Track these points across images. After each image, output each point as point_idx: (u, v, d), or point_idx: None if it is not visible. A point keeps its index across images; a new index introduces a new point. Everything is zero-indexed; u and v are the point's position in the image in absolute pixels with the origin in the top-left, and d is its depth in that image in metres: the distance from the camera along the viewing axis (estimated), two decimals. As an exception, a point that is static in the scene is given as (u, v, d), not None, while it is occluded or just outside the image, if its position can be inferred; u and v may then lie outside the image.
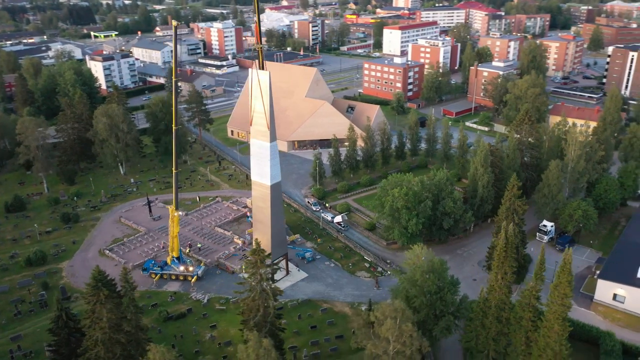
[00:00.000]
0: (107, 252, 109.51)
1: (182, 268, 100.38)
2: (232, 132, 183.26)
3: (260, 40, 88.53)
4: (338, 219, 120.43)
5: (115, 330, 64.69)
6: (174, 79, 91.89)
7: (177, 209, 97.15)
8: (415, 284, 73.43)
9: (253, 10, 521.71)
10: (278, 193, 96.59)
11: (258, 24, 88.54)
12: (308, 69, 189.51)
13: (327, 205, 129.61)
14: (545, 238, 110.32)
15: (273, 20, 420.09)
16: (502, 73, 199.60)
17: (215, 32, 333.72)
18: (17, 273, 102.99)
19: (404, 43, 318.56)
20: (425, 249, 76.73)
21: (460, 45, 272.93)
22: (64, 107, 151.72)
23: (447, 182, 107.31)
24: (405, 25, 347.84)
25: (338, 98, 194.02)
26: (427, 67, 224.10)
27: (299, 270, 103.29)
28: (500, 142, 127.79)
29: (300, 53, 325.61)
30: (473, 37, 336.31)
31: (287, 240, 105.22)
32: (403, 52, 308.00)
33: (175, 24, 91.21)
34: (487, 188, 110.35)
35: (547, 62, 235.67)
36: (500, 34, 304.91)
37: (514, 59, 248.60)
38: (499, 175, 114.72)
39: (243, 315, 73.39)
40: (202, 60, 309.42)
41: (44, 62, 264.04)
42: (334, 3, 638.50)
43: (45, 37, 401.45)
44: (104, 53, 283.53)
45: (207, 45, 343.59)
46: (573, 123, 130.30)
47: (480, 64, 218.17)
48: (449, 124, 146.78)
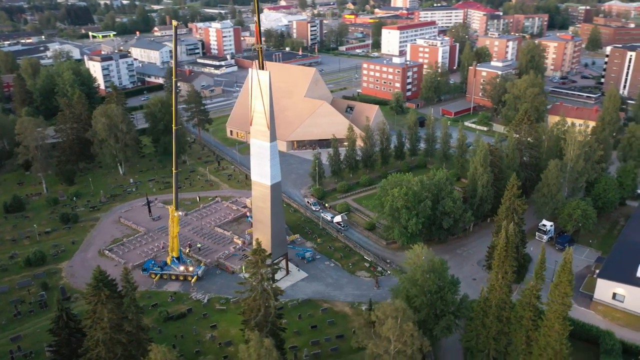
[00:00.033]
0: (106, 252, 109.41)
1: (182, 268, 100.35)
2: (231, 132, 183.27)
3: (260, 40, 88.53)
4: (338, 219, 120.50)
5: (117, 331, 64.66)
6: (174, 79, 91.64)
7: (177, 209, 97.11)
8: (416, 284, 73.50)
9: (251, 10, 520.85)
10: (278, 193, 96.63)
11: (258, 24, 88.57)
12: (307, 69, 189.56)
13: (326, 205, 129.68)
14: (545, 237, 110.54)
15: (271, 20, 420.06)
16: (500, 73, 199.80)
17: (214, 32, 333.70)
18: (16, 273, 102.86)
19: (403, 43, 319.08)
20: (426, 249, 76.86)
21: (459, 45, 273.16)
22: (63, 107, 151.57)
23: (446, 181, 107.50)
24: (404, 25, 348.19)
25: (337, 98, 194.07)
26: (425, 67, 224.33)
27: (299, 270, 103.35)
28: (499, 141, 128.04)
29: (299, 53, 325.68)
30: (471, 37, 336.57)
31: (287, 240, 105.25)
32: (401, 52, 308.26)
33: (176, 24, 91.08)
34: (486, 188, 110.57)
35: (545, 62, 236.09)
36: (499, 34, 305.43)
37: (513, 59, 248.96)
38: (499, 175, 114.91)
39: (244, 315, 73.39)
40: (200, 60, 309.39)
41: (42, 62, 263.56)
42: (332, 3, 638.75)
43: (43, 37, 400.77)
44: (103, 53, 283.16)
45: (205, 45, 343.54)
46: (572, 123, 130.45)
47: (479, 64, 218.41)
48: (448, 124, 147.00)
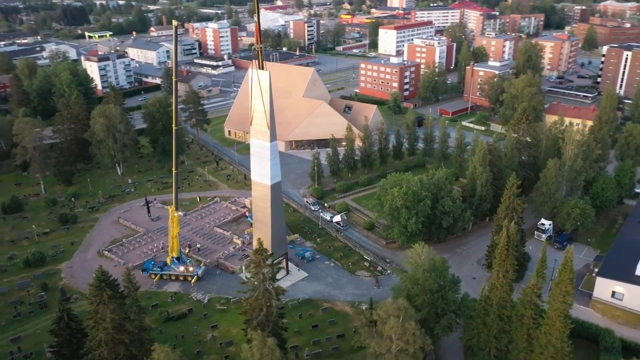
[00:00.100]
0: (106, 252, 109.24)
1: (182, 268, 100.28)
2: (229, 132, 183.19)
3: (260, 40, 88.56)
4: (337, 219, 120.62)
5: (119, 331, 64.66)
6: (174, 79, 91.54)
7: (177, 210, 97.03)
8: (417, 283, 73.69)
9: (248, 10, 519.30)
10: (278, 193, 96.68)
11: (258, 24, 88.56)
12: (305, 69, 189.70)
13: (325, 205, 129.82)
14: (543, 236, 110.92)
15: (268, 20, 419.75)
16: (498, 72, 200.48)
17: (211, 32, 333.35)
18: (15, 274, 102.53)
19: (400, 43, 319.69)
20: (427, 248, 77.17)
21: (456, 45, 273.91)
22: (61, 107, 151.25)
23: (446, 181, 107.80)
24: (401, 25, 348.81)
25: (335, 98, 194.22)
26: (423, 66, 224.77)
27: (299, 270, 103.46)
28: (497, 141, 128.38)
29: (296, 53, 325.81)
30: (468, 37, 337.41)
31: (287, 240, 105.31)
32: (398, 52, 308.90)
33: (176, 24, 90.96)
34: (485, 187, 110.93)
35: (542, 61, 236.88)
36: (495, 34, 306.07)
37: (510, 59, 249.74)
38: (497, 174, 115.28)
39: (246, 315, 73.46)
40: (197, 61, 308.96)
41: (39, 62, 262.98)
42: (329, 3, 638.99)
43: (39, 37, 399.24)
44: (99, 53, 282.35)
45: (202, 46, 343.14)
46: (570, 122, 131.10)
47: (476, 64, 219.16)
48: (446, 124, 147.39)
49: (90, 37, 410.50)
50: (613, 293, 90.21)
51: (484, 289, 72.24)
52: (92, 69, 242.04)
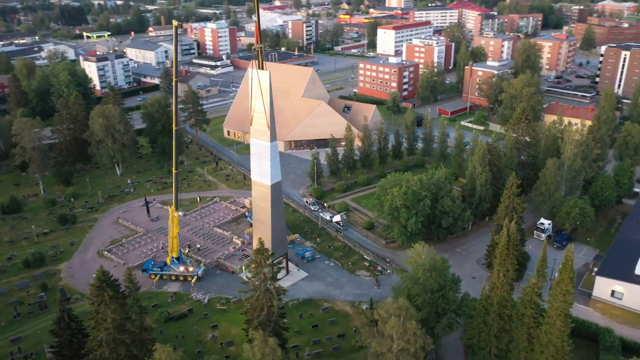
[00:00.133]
0: (105, 253, 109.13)
1: (182, 268, 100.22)
2: (228, 132, 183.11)
3: (260, 40, 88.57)
4: (337, 219, 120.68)
5: (120, 331, 64.63)
6: (175, 79, 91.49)
7: (177, 210, 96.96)
8: (417, 282, 73.79)
9: (246, 10, 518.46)
10: (278, 193, 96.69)
11: (258, 24, 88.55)
12: (304, 69, 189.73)
13: (325, 205, 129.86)
14: (543, 236, 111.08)
15: (266, 21, 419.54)
16: (496, 72, 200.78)
17: (209, 32, 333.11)
18: (15, 275, 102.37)
19: (398, 43, 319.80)
20: (427, 247, 77.26)
21: (454, 45, 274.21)
22: (60, 108, 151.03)
23: (445, 180, 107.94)
24: (399, 25, 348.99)
25: (334, 98, 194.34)
26: (421, 66, 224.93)
27: (299, 270, 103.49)
28: (496, 140, 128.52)
29: (295, 53, 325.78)
30: (466, 37, 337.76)
31: (287, 240, 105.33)
32: (397, 51, 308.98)
33: (176, 24, 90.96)
34: (485, 186, 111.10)
35: (540, 61, 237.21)
36: (494, 34, 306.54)
37: (508, 59, 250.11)
38: (497, 174, 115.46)
39: (247, 315, 73.44)
40: (196, 61, 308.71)
41: (37, 62, 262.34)
42: (327, 3, 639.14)
43: (37, 37, 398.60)
44: (98, 54, 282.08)
45: (201, 46, 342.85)
46: (568, 122, 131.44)
47: (475, 64, 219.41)
48: (445, 123, 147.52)
49: (89, 37, 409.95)
50: (612, 292, 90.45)
51: (485, 289, 72.36)
52: (90, 69, 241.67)
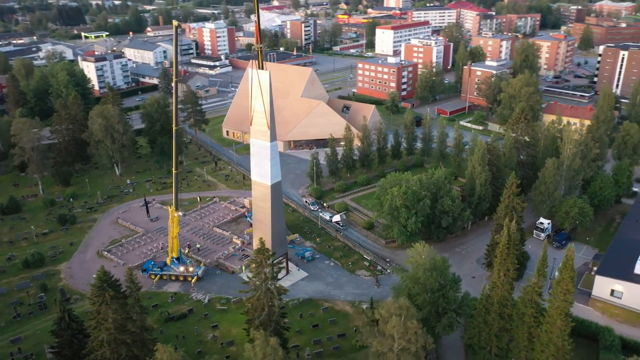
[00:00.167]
0: (105, 253, 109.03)
1: (182, 268, 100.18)
2: (227, 132, 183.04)
3: (260, 40, 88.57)
4: (336, 218, 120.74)
5: (121, 331, 64.59)
6: (175, 79, 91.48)
7: (177, 210, 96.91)
8: (418, 282, 73.89)
9: (245, 10, 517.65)
10: (278, 193, 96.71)
11: (258, 24, 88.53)
12: (303, 69, 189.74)
13: (325, 205, 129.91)
14: (542, 235, 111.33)
15: (265, 21, 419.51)
16: (495, 72, 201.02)
17: (208, 32, 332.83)
18: (14, 275, 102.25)
19: (397, 43, 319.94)
20: (427, 247, 77.36)
21: (453, 45, 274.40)
22: (59, 108, 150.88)
23: (445, 180, 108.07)
24: (398, 25, 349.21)
25: (333, 98, 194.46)
26: (420, 66, 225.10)
27: (299, 270, 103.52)
28: (495, 140, 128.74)
29: (293, 53, 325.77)
30: (465, 37, 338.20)
31: (287, 240, 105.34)
32: (395, 51, 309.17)
33: (176, 24, 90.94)
34: (484, 186, 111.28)
35: (539, 61, 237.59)
36: (492, 34, 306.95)
37: (507, 59, 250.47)
38: (496, 174, 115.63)
39: (248, 315, 73.44)
40: (194, 61, 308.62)
41: (35, 63, 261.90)
42: (325, 3, 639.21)
43: (35, 37, 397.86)
44: (96, 54, 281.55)
45: (199, 46, 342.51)
46: (567, 122, 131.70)
47: (473, 64, 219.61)
48: (444, 123, 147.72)
49: (87, 37, 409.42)
50: (612, 291, 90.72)
51: (485, 288, 72.50)
52: (89, 69, 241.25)
